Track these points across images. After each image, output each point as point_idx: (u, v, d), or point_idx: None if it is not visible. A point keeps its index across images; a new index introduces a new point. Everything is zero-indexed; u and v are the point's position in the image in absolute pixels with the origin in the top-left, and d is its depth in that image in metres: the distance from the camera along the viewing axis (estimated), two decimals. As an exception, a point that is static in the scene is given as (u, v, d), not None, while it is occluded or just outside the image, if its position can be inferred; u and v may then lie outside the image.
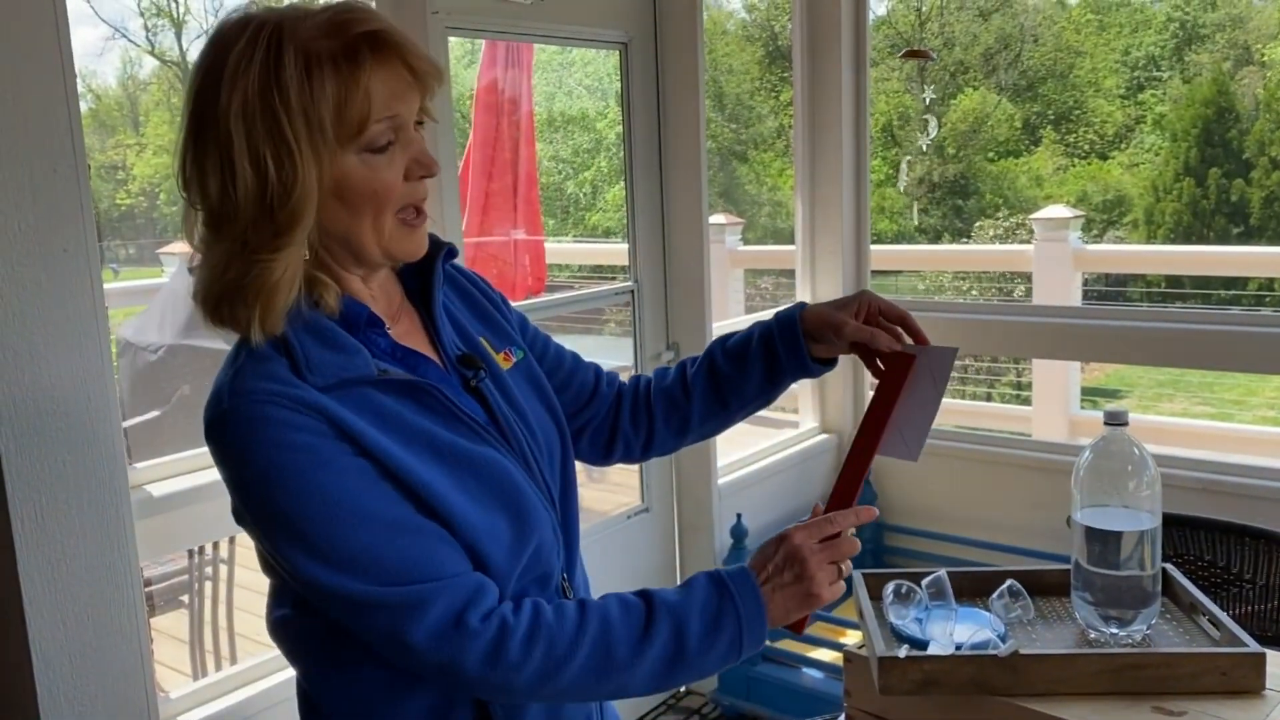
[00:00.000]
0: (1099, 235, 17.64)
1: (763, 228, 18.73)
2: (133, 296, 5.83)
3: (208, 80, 1.02)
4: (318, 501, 1.01)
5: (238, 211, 1.01)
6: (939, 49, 19.81)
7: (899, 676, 1.27)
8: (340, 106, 1.02)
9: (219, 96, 1.00)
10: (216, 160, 1.01)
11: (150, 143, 20.73)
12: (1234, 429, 6.53)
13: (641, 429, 1.43)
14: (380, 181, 1.06)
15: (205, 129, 1.02)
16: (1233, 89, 17.15)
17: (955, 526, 3.60)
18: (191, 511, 2.13)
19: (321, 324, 1.07)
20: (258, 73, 1.00)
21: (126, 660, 1.84)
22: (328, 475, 1.02)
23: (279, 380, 1.03)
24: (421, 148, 1.10)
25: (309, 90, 1.00)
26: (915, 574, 1.43)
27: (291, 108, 1.00)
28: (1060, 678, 1.24)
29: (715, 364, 1.40)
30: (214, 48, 1.03)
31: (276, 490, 1.02)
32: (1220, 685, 1.22)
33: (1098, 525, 1.30)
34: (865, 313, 1.32)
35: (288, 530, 1.03)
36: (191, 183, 1.04)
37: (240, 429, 1.02)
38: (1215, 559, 2.14)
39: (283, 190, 1.00)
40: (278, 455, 1.01)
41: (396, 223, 1.09)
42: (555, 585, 1.20)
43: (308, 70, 1.00)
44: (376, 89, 1.03)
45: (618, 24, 3.03)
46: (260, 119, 1.00)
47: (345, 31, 1.03)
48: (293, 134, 1.00)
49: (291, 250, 1.03)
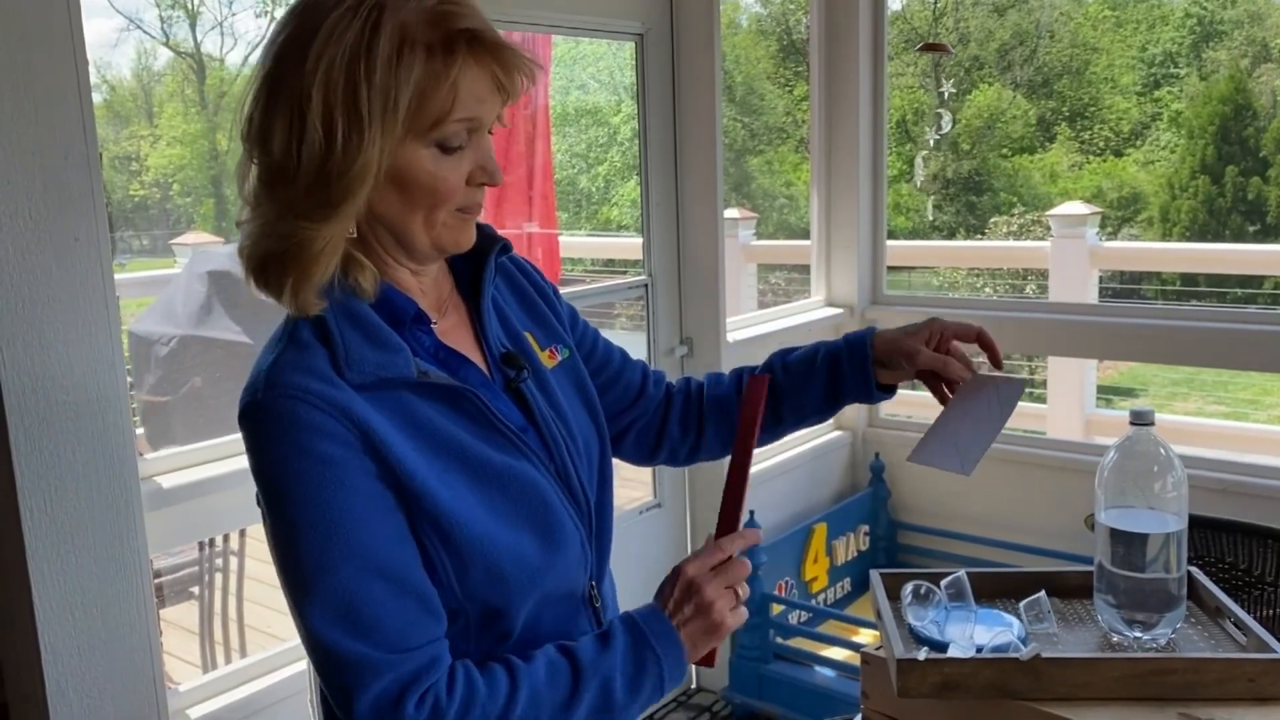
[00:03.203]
0: (1114, 233, 17.56)
1: (775, 222, 18.70)
2: (145, 287, 5.83)
3: (298, 37, 1.00)
4: (320, 522, 1.00)
5: (297, 172, 0.99)
6: (954, 44, 19.73)
7: (918, 679, 1.25)
8: (423, 96, 1.00)
9: (306, 55, 0.99)
10: (288, 117, 0.99)
11: (164, 134, 20.79)
12: (1249, 428, 6.49)
13: (690, 434, 1.41)
14: (443, 180, 1.04)
15: (284, 83, 1.00)
16: (1250, 86, 17.05)
17: (969, 525, 3.58)
18: (202, 503, 2.11)
19: (367, 317, 1.06)
20: (351, 40, 0.98)
21: (135, 652, 1.83)
22: (339, 496, 1.00)
23: (317, 376, 1.02)
24: (490, 154, 1.08)
25: (395, 70, 0.98)
26: (934, 574, 1.40)
27: (374, 83, 0.98)
28: (1083, 682, 1.22)
29: (775, 377, 1.37)
30: (311, 8, 1.01)
31: (287, 495, 1.01)
32: (1248, 692, 1.20)
33: (1122, 527, 1.28)
34: (937, 340, 1.30)
35: (284, 537, 1.02)
36: (257, 134, 1.02)
37: (269, 424, 1.01)
38: (1237, 561, 2.12)
39: (344, 161, 0.98)
40: (298, 461, 1.00)
41: (450, 217, 1.08)
42: (582, 595, 1.19)
43: (399, 51, 0.99)
44: (464, 88, 1.01)
45: (634, 15, 3.01)
46: (342, 86, 0.98)
47: (446, 23, 1.01)
48: (368, 108, 0.98)
49: (336, 224, 1.01)
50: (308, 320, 1.05)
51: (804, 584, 3.45)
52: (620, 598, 1.29)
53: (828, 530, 3.52)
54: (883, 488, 3.72)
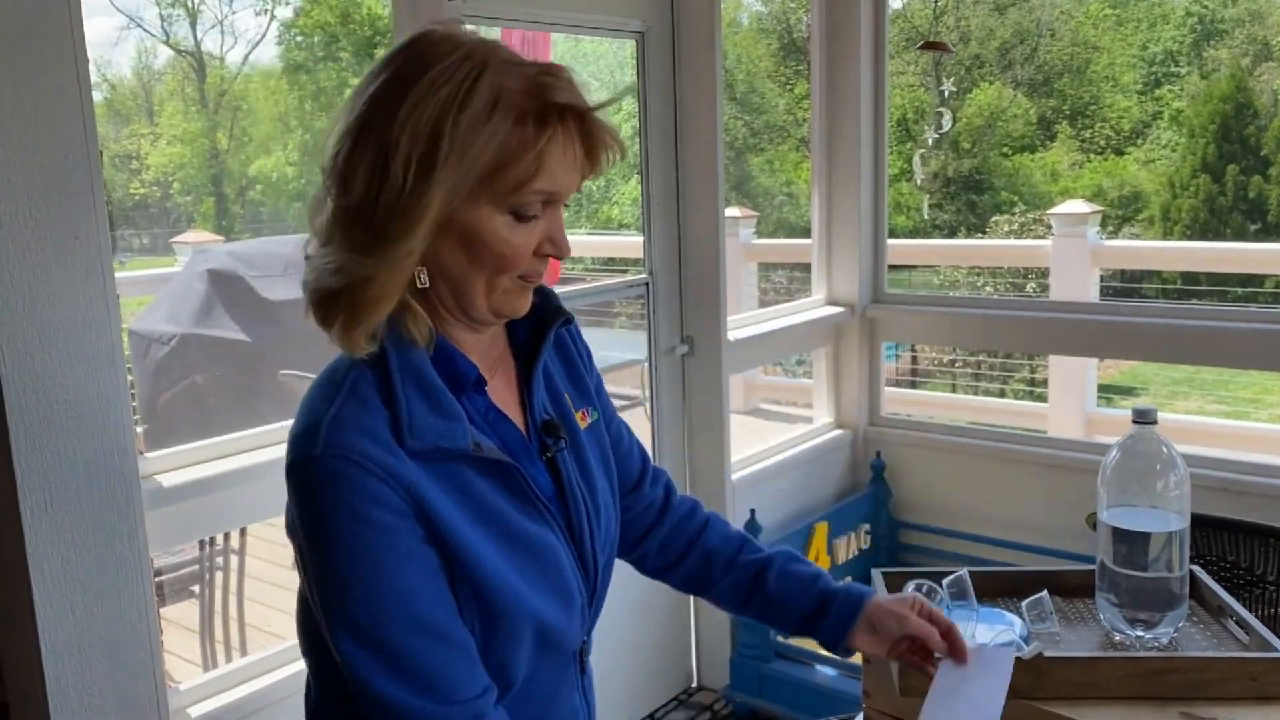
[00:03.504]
0: (1114, 231, 17.55)
1: (775, 221, 18.69)
2: (145, 286, 5.84)
3: (395, 84, 1.02)
4: (375, 586, 1.02)
5: (373, 215, 1.01)
6: (955, 43, 19.72)
7: (920, 678, 1.25)
8: (505, 160, 1.01)
9: (402, 102, 1.00)
10: (373, 160, 1.01)
11: (164, 133, 20.78)
12: (1250, 427, 6.48)
13: (667, 559, 1.40)
14: (512, 247, 1.05)
15: (374, 126, 1.01)
16: (1251, 85, 17.03)
17: (970, 524, 3.57)
18: (202, 502, 2.11)
19: (431, 380, 1.07)
20: (446, 94, 1.00)
21: (136, 651, 1.82)
22: (393, 562, 1.02)
23: (378, 441, 1.02)
24: (561, 227, 1.09)
25: (480, 128, 1.00)
26: (936, 573, 1.40)
27: (456, 135, 0.99)
28: (1085, 681, 1.22)
29: (764, 578, 1.36)
30: (415, 56, 1.03)
31: (341, 558, 1.02)
32: (1250, 691, 1.20)
33: (1125, 526, 1.28)
34: (920, 611, 1.29)
35: (338, 597, 1.03)
36: (340, 174, 1.04)
37: (327, 485, 1.02)
38: (1239, 560, 2.11)
39: (409, 201, 1.00)
40: (354, 526, 1.01)
41: (511, 284, 1.09)
42: (573, 650, 1.21)
43: (490, 111, 1.00)
44: (549, 160, 1.03)
45: (635, 13, 3.00)
46: (426, 135, 0.99)
47: (543, 94, 1.03)
48: (442, 156, 0.99)
49: (392, 265, 1.02)
50: (371, 371, 1.05)
51: (805, 583, 3.44)
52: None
53: (829, 529, 3.51)
54: (884, 487, 3.72)
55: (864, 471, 3.78)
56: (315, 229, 1.07)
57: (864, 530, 3.69)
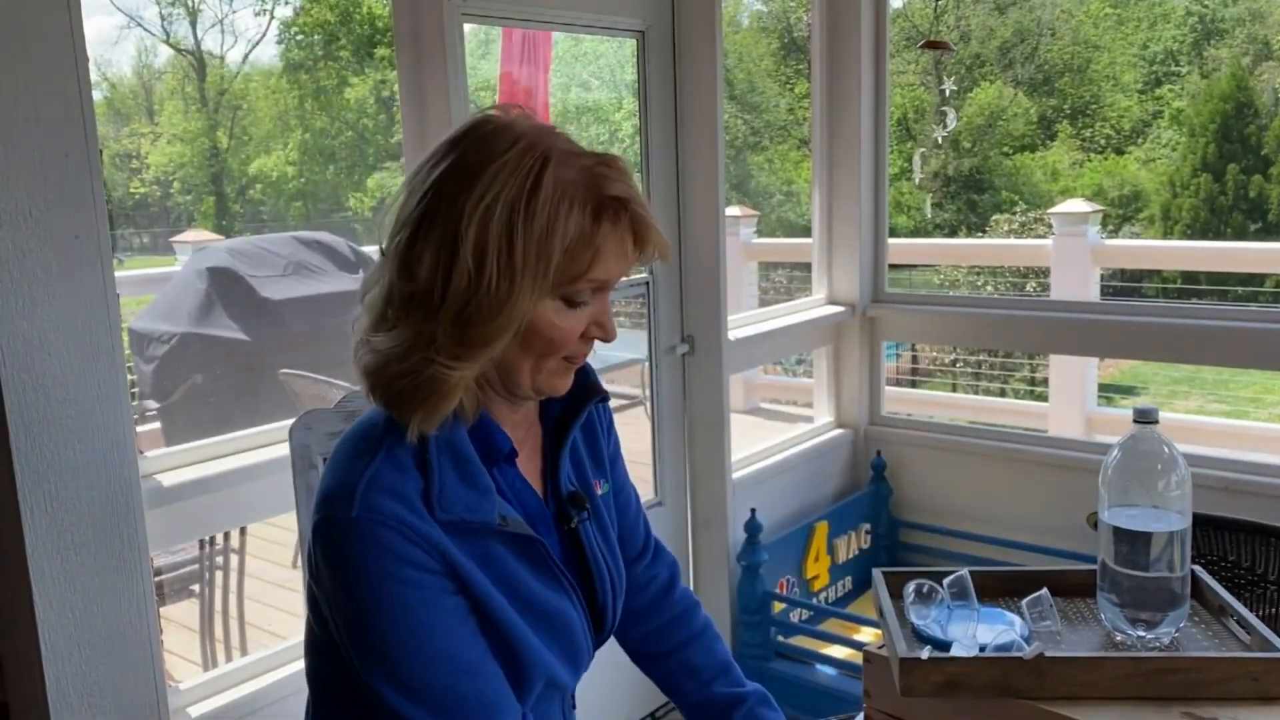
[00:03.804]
0: (1115, 231, 17.55)
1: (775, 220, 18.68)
2: (145, 285, 5.83)
3: (460, 171, 1.05)
4: (413, 639, 1.05)
5: (441, 303, 1.03)
6: (955, 42, 19.71)
7: (921, 678, 1.24)
8: (569, 254, 1.04)
9: (468, 193, 1.03)
10: (438, 244, 1.03)
11: (164, 132, 20.77)
12: (1250, 426, 6.48)
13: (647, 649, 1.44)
14: (561, 331, 1.09)
15: (440, 215, 1.04)
16: (1252, 84, 17.02)
17: (971, 523, 3.57)
18: (202, 501, 2.11)
19: (466, 452, 1.10)
20: (514, 187, 1.02)
21: (136, 651, 1.82)
22: (427, 614, 1.05)
23: (410, 507, 1.05)
24: (608, 311, 1.13)
25: (550, 225, 1.03)
26: (936, 573, 1.40)
27: (530, 234, 1.02)
28: (1086, 681, 1.22)
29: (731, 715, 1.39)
30: (477, 145, 1.06)
31: (377, 618, 1.04)
32: (1252, 691, 1.19)
33: (1126, 525, 1.27)
34: None
35: (379, 655, 1.05)
36: (403, 258, 1.06)
37: (359, 548, 1.04)
38: (1239, 560, 2.11)
39: (491, 307, 1.03)
40: (387, 586, 1.04)
41: (556, 365, 1.12)
42: (569, 693, 1.26)
43: (557, 207, 1.03)
44: (604, 250, 1.06)
45: (635, 12, 3.00)
46: (499, 231, 1.02)
47: (600, 187, 1.06)
48: (522, 258, 1.02)
49: (474, 366, 1.06)
50: (402, 436, 1.07)
51: (805, 582, 3.45)
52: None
53: (829, 528, 3.51)
54: (884, 486, 3.72)
55: (864, 471, 3.78)
56: (367, 304, 1.10)
57: (864, 529, 3.69)
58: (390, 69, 18.30)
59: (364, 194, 20.24)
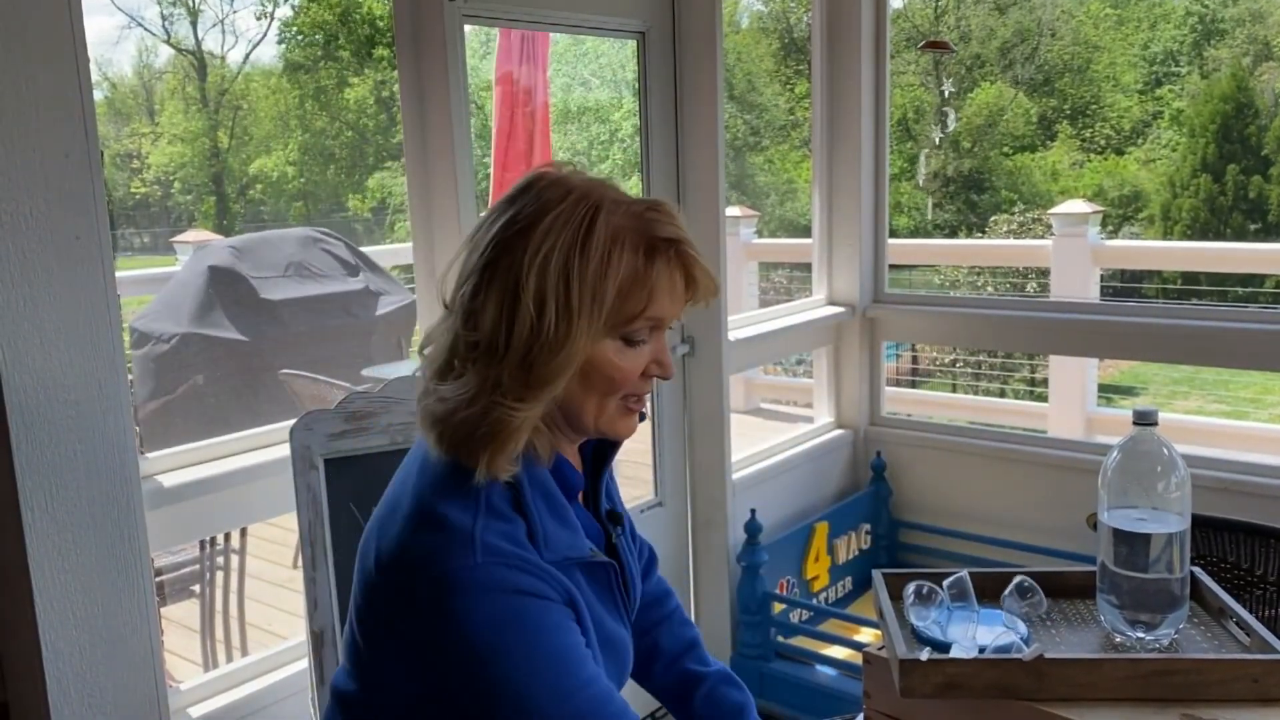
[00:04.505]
0: (1114, 231, 17.55)
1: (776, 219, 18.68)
2: (145, 285, 5.83)
3: (517, 225, 1.10)
4: (550, 669, 1.06)
5: (506, 350, 1.08)
6: (955, 42, 19.72)
7: (920, 679, 1.25)
8: (623, 294, 1.10)
9: (526, 244, 1.08)
10: (500, 295, 1.08)
11: (165, 132, 20.78)
12: (1250, 427, 6.48)
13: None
14: (621, 370, 1.13)
15: (501, 264, 1.09)
16: (1252, 85, 17.03)
17: (971, 524, 3.57)
18: (203, 502, 2.11)
19: (553, 491, 1.14)
20: (568, 235, 1.08)
21: (137, 651, 1.82)
22: (561, 636, 1.08)
23: (524, 546, 1.08)
24: (665, 349, 1.18)
25: (604, 268, 1.08)
26: (936, 574, 1.40)
27: (585, 278, 1.07)
28: (1086, 683, 1.22)
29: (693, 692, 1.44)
30: (532, 199, 1.11)
31: (513, 647, 1.05)
32: (1251, 693, 1.20)
33: (1125, 527, 1.28)
34: None
35: (510, 689, 1.05)
36: (468, 311, 1.10)
37: (488, 594, 1.05)
38: (1239, 561, 2.11)
39: (551, 347, 1.07)
40: (522, 616, 1.05)
41: (618, 405, 1.16)
42: None
43: (609, 251, 1.09)
44: (659, 290, 1.12)
45: (635, 12, 3.00)
46: (556, 276, 1.07)
47: (651, 230, 1.12)
48: (578, 300, 1.07)
49: (537, 406, 1.09)
50: (496, 484, 1.10)
51: (805, 583, 3.45)
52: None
53: (829, 529, 3.51)
54: (884, 486, 3.72)
55: (864, 471, 3.78)
56: (429, 357, 1.14)
57: (864, 530, 3.69)
58: (390, 69, 18.30)
59: (364, 194, 20.24)
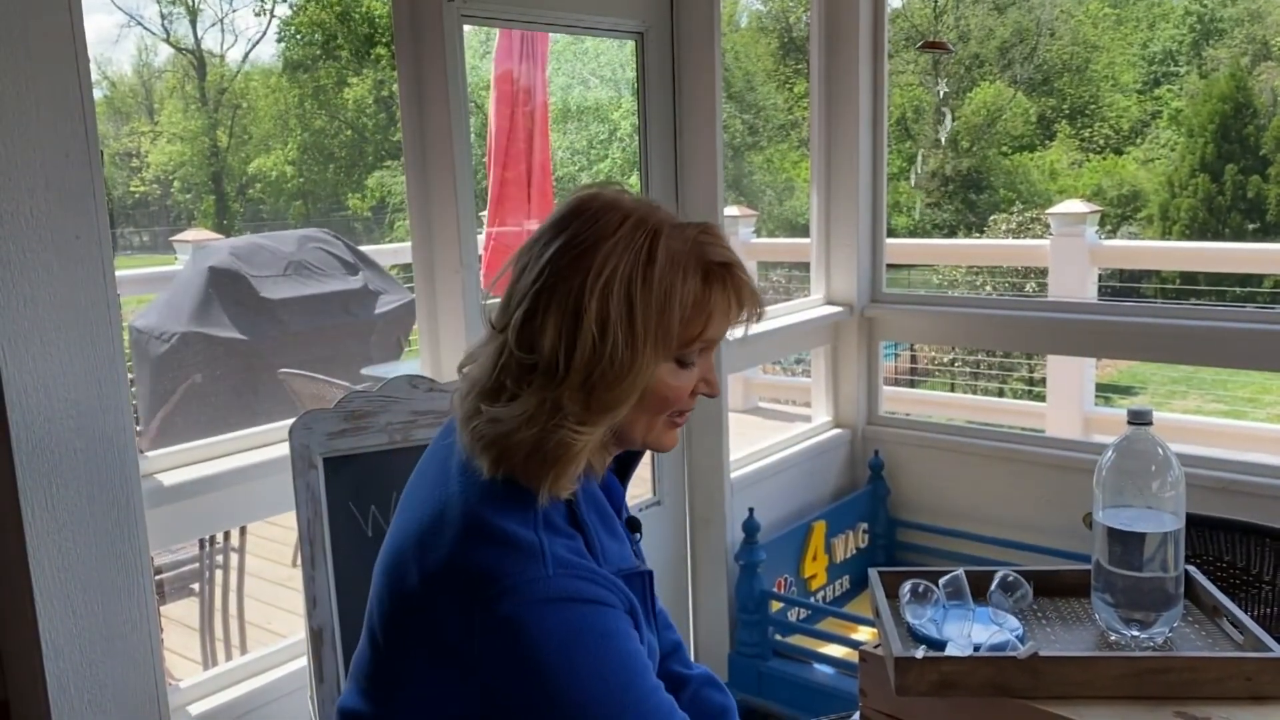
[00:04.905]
0: (1113, 231, 17.55)
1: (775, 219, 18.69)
2: (145, 284, 5.83)
3: (574, 248, 1.09)
4: (622, 675, 1.06)
5: (567, 373, 1.07)
6: (954, 42, 19.72)
7: (916, 677, 1.25)
8: (685, 320, 1.10)
9: (586, 268, 1.07)
10: (559, 318, 1.07)
11: (164, 131, 20.77)
12: (1248, 427, 6.48)
13: None
14: (673, 389, 1.14)
15: (559, 288, 1.08)
16: (1250, 84, 17.04)
17: (968, 523, 3.58)
18: (202, 501, 2.11)
19: (605, 507, 1.16)
20: (629, 260, 1.08)
21: (136, 649, 1.83)
22: (629, 645, 1.08)
23: (587, 559, 1.09)
24: (713, 368, 1.19)
25: (668, 296, 1.08)
26: (932, 573, 1.41)
27: (650, 304, 1.08)
28: (1081, 681, 1.23)
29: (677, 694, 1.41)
30: (588, 223, 1.10)
31: (584, 668, 1.04)
32: (1245, 691, 1.20)
33: (1120, 526, 1.28)
34: None
35: (583, 708, 1.04)
36: (522, 333, 1.09)
37: (561, 605, 1.04)
38: (1234, 560, 2.12)
39: (616, 373, 1.07)
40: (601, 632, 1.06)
41: (665, 422, 1.17)
42: None
43: (672, 278, 1.09)
44: (716, 314, 1.12)
45: (634, 13, 3.01)
46: (621, 301, 1.07)
47: (706, 254, 1.12)
48: (643, 327, 1.07)
49: (600, 429, 1.10)
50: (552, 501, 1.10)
51: (803, 581, 3.46)
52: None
53: (827, 528, 3.52)
54: (882, 485, 3.73)
55: (862, 470, 3.79)
56: (472, 377, 1.14)
57: (862, 529, 3.70)
58: (389, 68, 18.30)
59: (363, 193, 20.24)
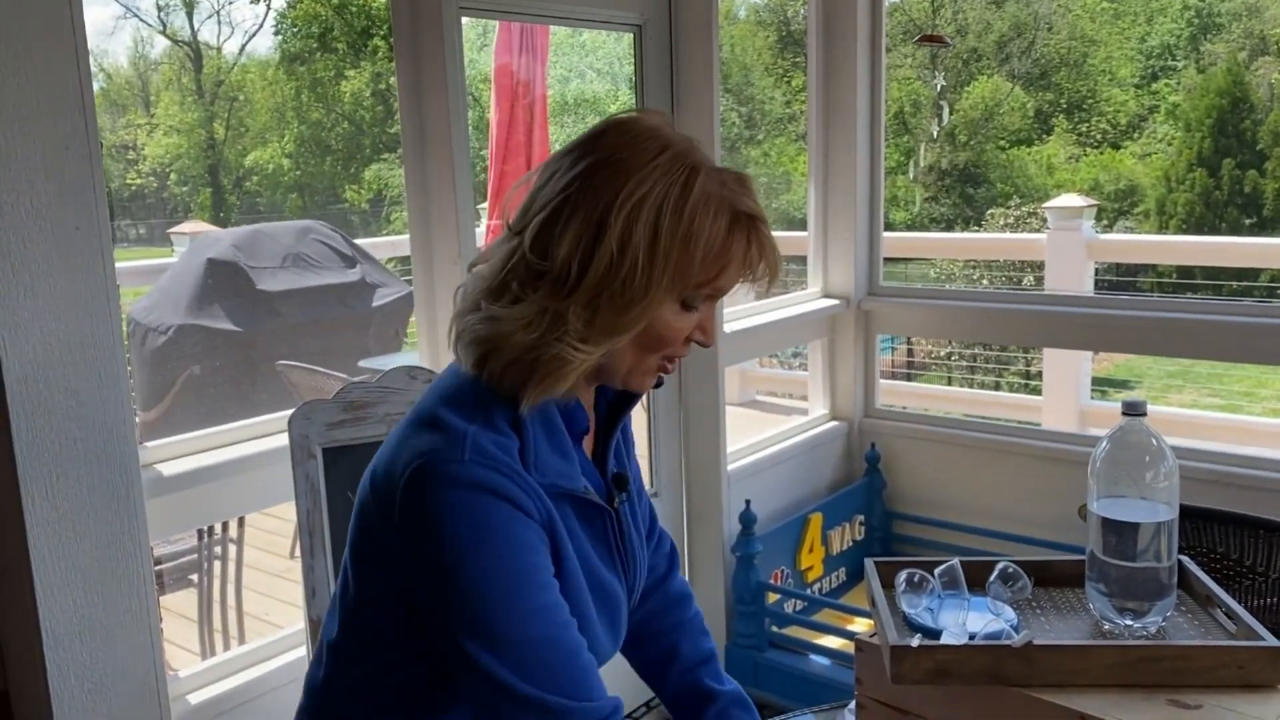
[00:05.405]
0: (1110, 225, 17.57)
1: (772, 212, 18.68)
2: (142, 276, 5.83)
3: (607, 166, 1.07)
4: (514, 578, 1.05)
5: (577, 286, 1.06)
6: (952, 36, 19.71)
7: (911, 666, 1.26)
8: (704, 260, 1.08)
9: (620, 182, 1.06)
10: (580, 229, 1.06)
11: (161, 123, 20.73)
12: (1244, 420, 6.50)
13: (635, 633, 1.41)
14: (673, 331, 1.13)
15: (586, 199, 1.06)
16: (1248, 79, 17.05)
17: (965, 516, 3.59)
18: (201, 491, 2.12)
19: (555, 423, 1.13)
20: (663, 188, 1.06)
21: (136, 638, 1.84)
22: (531, 557, 1.06)
23: (514, 458, 1.07)
24: (713, 318, 1.18)
25: (696, 231, 1.06)
26: (928, 563, 1.42)
27: (676, 234, 1.06)
28: (1075, 669, 1.23)
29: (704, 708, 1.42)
30: (626, 142, 1.09)
31: (479, 551, 1.04)
32: (1237, 679, 1.21)
33: (1114, 516, 1.29)
34: None
35: (472, 606, 1.04)
36: (540, 235, 1.08)
37: (469, 492, 1.04)
38: (1228, 551, 2.13)
39: (626, 297, 1.06)
40: (496, 531, 1.04)
41: (654, 363, 1.16)
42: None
43: (701, 216, 1.07)
44: (733, 262, 1.10)
45: (632, 5, 3.01)
46: (648, 224, 1.05)
47: (734, 202, 1.10)
48: (663, 258, 1.05)
49: (598, 351, 1.08)
50: (501, 404, 1.10)
51: (800, 573, 3.47)
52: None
53: (823, 520, 3.53)
54: (878, 478, 3.74)
55: (859, 463, 3.80)
56: (481, 275, 1.12)
57: (858, 521, 3.71)
58: (387, 60, 18.27)
59: (361, 186, 20.21)
